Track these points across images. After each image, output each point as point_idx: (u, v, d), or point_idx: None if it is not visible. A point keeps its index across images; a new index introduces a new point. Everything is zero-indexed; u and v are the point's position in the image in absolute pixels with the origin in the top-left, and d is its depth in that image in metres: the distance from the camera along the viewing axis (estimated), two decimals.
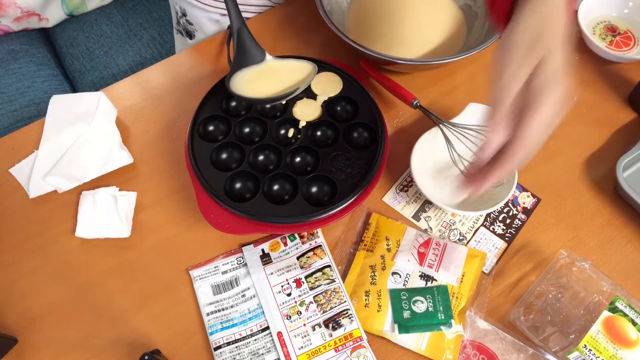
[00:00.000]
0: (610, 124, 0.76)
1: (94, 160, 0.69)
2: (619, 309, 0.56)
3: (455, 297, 0.62)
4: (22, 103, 1.05)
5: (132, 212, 0.69)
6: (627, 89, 0.79)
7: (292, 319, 0.61)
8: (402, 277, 0.63)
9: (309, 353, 0.59)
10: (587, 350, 0.55)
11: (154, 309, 0.63)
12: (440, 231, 0.68)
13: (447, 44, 0.81)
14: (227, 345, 0.60)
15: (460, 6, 0.84)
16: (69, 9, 1.19)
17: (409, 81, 0.78)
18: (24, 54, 1.12)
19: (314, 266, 0.64)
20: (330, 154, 0.66)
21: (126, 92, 0.79)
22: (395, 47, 0.78)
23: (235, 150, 0.67)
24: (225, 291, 0.64)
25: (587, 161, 0.73)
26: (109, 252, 0.67)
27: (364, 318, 0.61)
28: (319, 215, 0.61)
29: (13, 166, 0.72)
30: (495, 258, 0.67)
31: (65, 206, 0.69)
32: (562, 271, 0.62)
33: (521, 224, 0.69)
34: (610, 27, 0.84)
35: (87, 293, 0.64)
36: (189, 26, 0.97)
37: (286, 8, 0.87)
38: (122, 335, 0.62)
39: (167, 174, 0.72)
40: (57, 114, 0.75)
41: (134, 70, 1.15)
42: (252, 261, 0.65)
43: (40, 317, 0.63)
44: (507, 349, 0.60)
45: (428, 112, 0.70)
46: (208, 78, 0.78)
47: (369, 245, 0.66)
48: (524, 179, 0.72)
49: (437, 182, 0.70)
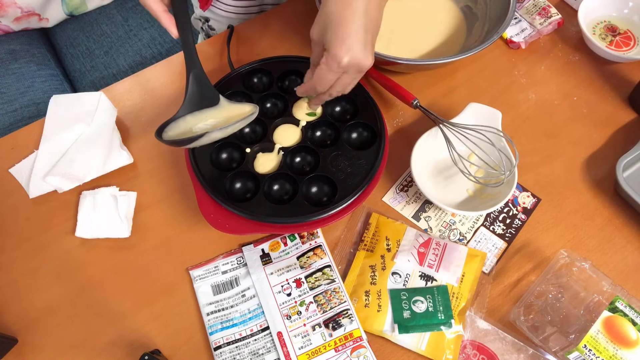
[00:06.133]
0: (610, 124, 0.76)
1: (94, 160, 0.69)
2: (619, 309, 0.56)
3: (455, 297, 0.62)
4: (22, 103, 1.05)
5: (132, 212, 0.69)
6: (627, 89, 0.79)
7: (292, 319, 0.61)
8: (402, 277, 0.63)
9: (309, 353, 0.59)
10: (587, 350, 0.55)
11: (154, 309, 0.63)
12: (440, 231, 0.68)
13: (447, 44, 0.81)
14: (227, 345, 0.60)
15: (461, 7, 0.84)
16: (69, 9, 1.19)
17: (409, 81, 0.78)
18: (24, 54, 1.12)
19: (314, 266, 0.64)
20: (330, 154, 0.66)
21: (126, 92, 0.79)
22: (395, 47, 0.78)
23: (235, 150, 0.67)
24: (225, 291, 0.64)
25: (587, 161, 0.73)
26: (109, 252, 0.67)
27: (364, 318, 0.61)
28: (319, 215, 0.61)
29: (13, 166, 0.72)
30: (495, 258, 0.67)
31: (65, 206, 0.69)
32: (562, 271, 0.62)
33: (521, 224, 0.69)
34: (610, 27, 0.84)
35: (87, 293, 0.64)
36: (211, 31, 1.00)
37: (286, 8, 0.87)
38: (122, 335, 0.62)
39: (167, 174, 0.72)
40: (57, 114, 0.75)
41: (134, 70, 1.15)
42: (252, 261, 0.65)
43: (40, 317, 0.63)
44: (507, 349, 0.60)
45: (428, 112, 0.70)
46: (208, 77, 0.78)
47: (369, 245, 0.66)
48: (524, 179, 0.72)
49: (437, 182, 0.70)
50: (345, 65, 0.53)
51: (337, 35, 0.52)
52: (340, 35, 0.52)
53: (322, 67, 0.55)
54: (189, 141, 0.57)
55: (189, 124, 0.61)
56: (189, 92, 0.61)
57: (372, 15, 0.53)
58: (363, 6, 0.52)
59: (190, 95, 0.61)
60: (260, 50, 0.82)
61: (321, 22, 0.54)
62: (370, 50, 0.54)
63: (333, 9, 0.53)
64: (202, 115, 0.61)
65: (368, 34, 0.53)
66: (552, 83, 0.80)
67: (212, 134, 0.57)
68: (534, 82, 0.80)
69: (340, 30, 0.52)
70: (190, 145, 0.57)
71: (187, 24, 0.61)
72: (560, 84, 0.80)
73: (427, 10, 0.84)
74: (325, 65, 0.54)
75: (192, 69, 0.61)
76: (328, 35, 0.53)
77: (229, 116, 0.62)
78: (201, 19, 1.01)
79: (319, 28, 0.55)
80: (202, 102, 0.62)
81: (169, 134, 0.59)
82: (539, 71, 0.81)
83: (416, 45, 0.80)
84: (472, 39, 0.80)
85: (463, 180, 0.69)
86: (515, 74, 0.81)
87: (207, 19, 0.99)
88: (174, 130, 0.60)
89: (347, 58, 0.53)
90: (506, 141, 0.68)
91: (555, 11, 0.84)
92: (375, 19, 0.54)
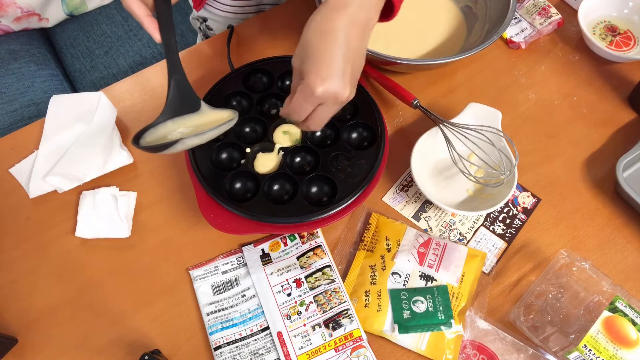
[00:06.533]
0: (610, 124, 0.76)
1: (94, 160, 0.69)
2: (619, 309, 0.56)
3: (455, 297, 0.62)
4: (22, 103, 1.05)
5: (132, 212, 0.69)
6: (627, 89, 0.79)
7: (292, 319, 0.61)
8: (402, 277, 0.63)
9: (309, 353, 0.59)
10: (587, 350, 0.55)
11: (154, 309, 0.63)
12: (440, 231, 0.68)
13: (447, 44, 0.81)
14: (227, 345, 0.60)
15: (461, 7, 0.84)
16: (69, 9, 1.19)
17: (409, 81, 0.78)
18: (24, 54, 1.12)
19: (314, 266, 0.64)
20: (330, 154, 0.66)
21: (126, 92, 0.79)
22: (395, 47, 0.78)
23: (235, 150, 0.67)
24: (225, 291, 0.64)
25: (587, 161, 0.73)
26: (109, 252, 0.67)
27: (364, 318, 0.61)
28: (319, 215, 0.61)
29: (13, 166, 0.72)
30: (495, 258, 0.67)
31: (65, 206, 0.69)
32: (562, 271, 0.62)
33: (521, 224, 0.69)
34: (610, 27, 0.84)
35: (87, 293, 0.64)
36: (209, 31, 1.00)
37: (286, 8, 0.87)
38: (122, 335, 0.62)
39: (167, 174, 0.72)
40: (57, 114, 0.75)
41: (134, 70, 1.15)
42: (252, 261, 0.65)
43: (40, 317, 0.63)
44: (507, 349, 0.60)
45: (428, 112, 0.70)
46: (208, 78, 0.78)
47: (369, 245, 0.66)
48: (524, 179, 0.72)
49: (437, 182, 0.70)
50: (319, 95, 0.51)
51: (314, 65, 0.50)
52: (317, 65, 0.50)
53: (298, 97, 0.53)
54: (164, 147, 0.55)
55: (168, 130, 0.59)
56: (170, 97, 0.59)
57: (353, 45, 0.51)
58: (343, 35, 0.50)
59: (170, 101, 0.59)
60: (260, 50, 0.82)
61: (301, 50, 0.53)
62: (349, 81, 0.52)
63: (312, 37, 0.51)
64: (183, 121, 0.60)
65: (347, 65, 0.51)
66: (552, 83, 0.80)
67: (187, 140, 0.55)
68: (534, 82, 0.80)
69: (317, 60, 0.50)
70: (167, 151, 0.56)
71: (170, 29, 0.59)
72: (560, 84, 0.80)
73: (427, 10, 0.84)
74: (300, 94, 0.52)
75: (174, 74, 0.59)
76: (306, 64, 0.51)
77: (209, 122, 0.60)
78: (199, 19, 1.01)
79: (298, 56, 0.53)
80: (183, 108, 0.60)
81: (147, 140, 0.58)
82: (539, 71, 0.81)
83: (416, 45, 0.80)
84: (472, 39, 0.80)
85: (463, 180, 0.69)
86: (515, 74, 0.81)
87: (204, 18, 0.99)
88: (152, 135, 0.58)
89: (322, 88, 0.50)
90: (506, 141, 0.68)
91: (555, 11, 0.84)
92: (356, 49, 0.52)
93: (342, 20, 0.50)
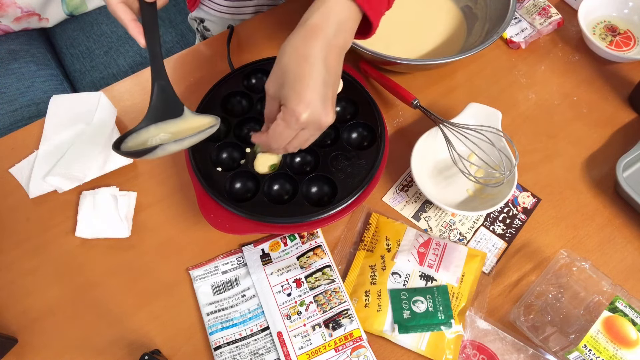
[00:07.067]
0: (610, 124, 0.76)
1: (94, 160, 0.69)
2: (619, 309, 0.56)
3: (455, 297, 0.62)
4: (22, 103, 1.05)
5: (132, 212, 0.69)
6: (627, 89, 0.79)
7: (292, 319, 0.61)
8: (402, 277, 0.63)
9: (309, 353, 0.59)
10: (587, 350, 0.55)
11: (154, 309, 0.63)
12: (440, 231, 0.68)
13: (447, 44, 0.81)
14: (227, 345, 0.60)
15: (461, 7, 0.84)
16: (69, 9, 1.19)
17: (409, 81, 0.78)
18: (24, 54, 1.12)
19: (314, 266, 0.64)
20: (330, 154, 0.66)
21: (126, 92, 0.79)
22: (395, 47, 0.78)
23: (235, 150, 0.67)
24: (225, 291, 0.64)
25: (587, 161, 0.73)
26: (109, 252, 0.67)
27: (364, 318, 0.61)
28: (319, 215, 0.61)
29: (13, 166, 0.72)
30: (495, 258, 0.67)
31: (65, 206, 0.69)
32: (562, 271, 0.62)
33: (521, 224, 0.69)
34: (610, 27, 0.84)
35: (87, 293, 0.64)
36: (206, 32, 0.99)
37: (285, 8, 0.87)
38: (122, 335, 0.62)
39: (167, 174, 0.72)
40: (57, 114, 0.75)
41: (134, 70, 1.15)
42: (252, 261, 0.65)
43: (40, 317, 0.63)
44: (507, 349, 0.60)
45: (428, 112, 0.70)
46: (207, 78, 0.78)
47: (369, 245, 0.66)
48: (524, 179, 0.72)
49: (437, 182, 0.70)
50: (304, 122, 0.50)
51: (295, 91, 0.49)
52: (298, 90, 0.49)
53: (280, 124, 0.51)
54: (144, 153, 0.55)
55: (150, 135, 0.59)
56: (153, 102, 0.59)
57: (331, 66, 0.51)
58: (321, 58, 0.49)
59: (153, 106, 0.59)
60: (259, 51, 0.82)
61: (278, 76, 0.51)
62: (330, 105, 0.51)
63: (290, 62, 0.50)
64: (166, 126, 0.60)
65: (328, 89, 0.51)
66: (552, 83, 0.80)
67: (167, 146, 0.55)
68: (534, 82, 0.80)
69: (297, 85, 0.49)
70: (147, 157, 0.55)
71: (155, 34, 0.58)
72: (560, 84, 0.80)
73: (427, 10, 0.84)
74: (282, 122, 0.51)
75: (158, 80, 0.59)
76: (285, 90, 0.50)
77: (191, 127, 0.60)
78: (196, 19, 1.00)
79: (275, 82, 0.52)
80: (166, 113, 0.60)
81: (128, 145, 0.57)
82: (539, 71, 0.81)
83: (416, 45, 0.80)
84: (472, 39, 0.80)
85: (463, 180, 0.69)
86: (515, 74, 0.81)
87: (202, 19, 0.99)
88: (134, 140, 0.58)
89: (306, 114, 0.49)
90: (506, 141, 0.68)
91: (555, 11, 0.84)
92: (334, 70, 0.51)
93: (320, 45, 0.50)
